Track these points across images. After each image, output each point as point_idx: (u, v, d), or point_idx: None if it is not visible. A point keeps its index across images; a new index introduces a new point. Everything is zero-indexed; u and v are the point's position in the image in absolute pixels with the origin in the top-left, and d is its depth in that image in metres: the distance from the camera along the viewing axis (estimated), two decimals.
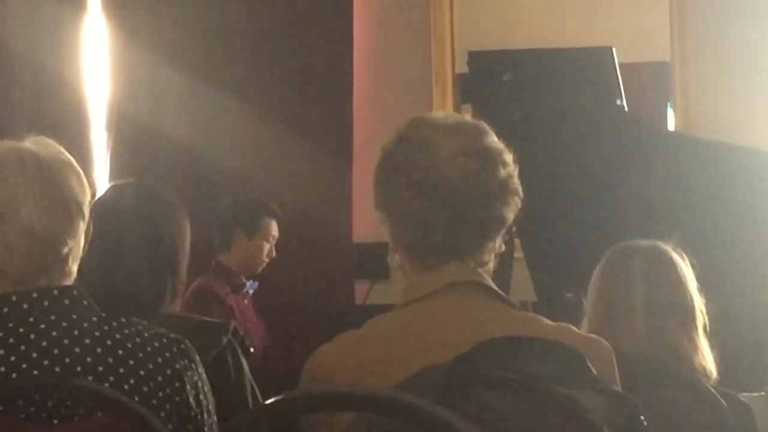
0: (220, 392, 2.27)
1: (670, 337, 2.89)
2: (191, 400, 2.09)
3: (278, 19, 6.00)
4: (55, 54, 5.69)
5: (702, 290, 2.98)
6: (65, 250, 2.07)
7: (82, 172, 2.12)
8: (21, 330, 2.02)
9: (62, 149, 2.12)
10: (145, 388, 2.04)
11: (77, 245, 2.10)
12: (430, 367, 1.78)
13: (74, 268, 2.11)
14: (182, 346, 2.12)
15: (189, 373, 2.10)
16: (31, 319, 2.03)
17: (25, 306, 2.04)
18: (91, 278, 2.65)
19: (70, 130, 5.59)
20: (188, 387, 2.09)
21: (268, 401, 1.57)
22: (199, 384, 2.13)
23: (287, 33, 6.01)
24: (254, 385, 2.83)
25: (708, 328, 2.96)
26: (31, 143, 2.10)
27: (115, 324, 2.08)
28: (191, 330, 2.49)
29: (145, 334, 2.09)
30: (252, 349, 4.84)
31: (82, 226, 2.11)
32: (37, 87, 5.63)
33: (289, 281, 5.42)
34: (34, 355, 2.00)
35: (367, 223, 5.55)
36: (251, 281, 5.17)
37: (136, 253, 2.74)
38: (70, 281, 2.09)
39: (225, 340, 2.75)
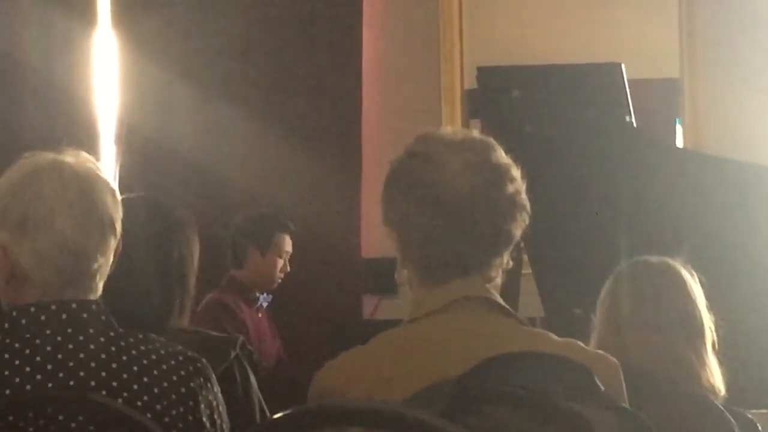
0: (228, 407, 2.27)
1: (678, 352, 2.89)
2: (205, 419, 2.08)
3: (287, 35, 6.01)
4: (65, 67, 5.70)
5: (710, 307, 2.97)
6: (95, 265, 2.07)
7: (117, 191, 2.13)
8: (37, 341, 2.02)
9: (99, 166, 2.13)
10: (159, 406, 2.03)
11: (107, 262, 2.10)
12: (437, 383, 1.78)
13: (101, 284, 2.11)
14: (198, 364, 2.11)
15: (204, 392, 2.09)
16: (48, 331, 2.03)
17: (43, 318, 2.03)
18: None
19: (80, 143, 5.55)
20: (202, 406, 2.08)
21: (276, 416, 1.57)
22: (214, 403, 2.12)
23: (296, 48, 6.02)
24: (262, 399, 2.83)
25: (716, 346, 2.96)
26: (71, 157, 2.12)
27: (132, 340, 2.08)
28: (199, 344, 2.49)
29: (162, 352, 2.08)
30: (264, 363, 4.86)
31: (113, 244, 2.11)
32: (47, 100, 5.64)
33: (297, 295, 5.41)
34: (49, 367, 2.00)
35: (376, 238, 5.55)
36: (265, 294, 5.17)
37: (144, 267, 2.74)
38: (94, 297, 2.09)
39: (233, 354, 2.75)
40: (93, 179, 2.09)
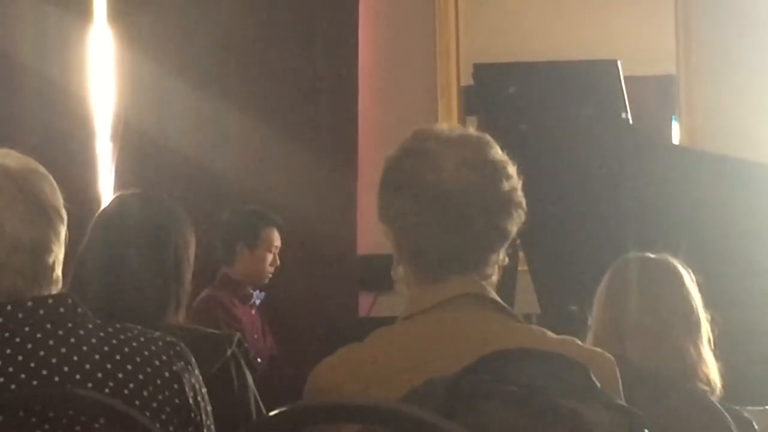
0: (224, 404, 2.27)
1: (677, 344, 2.90)
2: (190, 401, 2.09)
3: (284, 32, 6.01)
4: (60, 64, 5.69)
5: (708, 304, 2.98)
6: (52, 258, 2.06)
7: (50, 176, 2.10)
8: (17, 340, 2.00)
9: (27, 157, 2.10)
10: (145, 392, 2.03)
11: (61, 250, 2.09)
12: (433, 380, 1.77)
13: (59, 272, 2.10)
14: (178, 348, 2.12)
15: (186, 375, 2.10)
16: (27, 329, 2.01)
17: (20, 315, 2.02)
18: (94, 288, 2.66)
19: (76, 140, 5.60)
20: (187, 389, 2.08)
21: (271, 413, 1.57)
22: (197, 386, 2.13)
23: (293, 45, 6.02)
24: (258, 397, 2.83)
25: (712, 343, 2.96)
26: None
27: (110, 330, 2.07)
28: (195, 342, 2.49)
29: (141, 338, 2.09)
30: (259, 359, 4.87)
31: (63, 230, 2.09)
32: (42, 97, 5.63)
33: (293, 293, 5.41)
34: (32, 365, 1.99)
35: (372, 235, 5.55)
36: (258, 291, 5.18)
37: (140, 264, 2.74)
38: (58, 288, 2.08)
39: (229, 352, 2.75)
40: (25, 172, 2.06)
